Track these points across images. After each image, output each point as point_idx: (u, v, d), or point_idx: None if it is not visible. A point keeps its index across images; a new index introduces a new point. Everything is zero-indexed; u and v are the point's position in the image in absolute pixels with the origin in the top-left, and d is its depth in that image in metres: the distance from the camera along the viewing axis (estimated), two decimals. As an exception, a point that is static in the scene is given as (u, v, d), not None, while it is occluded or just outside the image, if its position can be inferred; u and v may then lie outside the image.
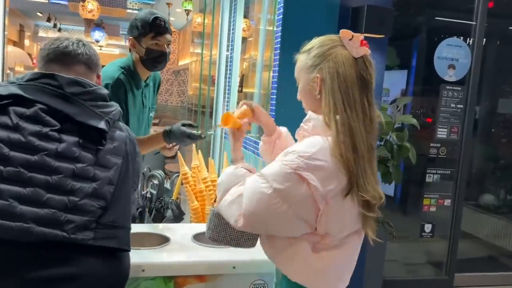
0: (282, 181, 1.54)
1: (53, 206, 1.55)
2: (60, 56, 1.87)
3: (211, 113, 5.72)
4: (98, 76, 1.99)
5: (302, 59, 1.75)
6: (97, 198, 1.63)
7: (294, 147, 1.62)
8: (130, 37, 2.71)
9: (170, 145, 2.76)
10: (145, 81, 2.82)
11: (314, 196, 1.53)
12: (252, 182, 1.62)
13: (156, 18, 2.64)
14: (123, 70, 2.67)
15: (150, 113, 2.94)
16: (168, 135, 2.63)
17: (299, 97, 1.80)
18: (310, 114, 1.72)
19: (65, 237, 1.54)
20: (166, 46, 2.70)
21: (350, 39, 1.66)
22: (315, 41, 1.74)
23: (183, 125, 2.63)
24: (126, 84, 2.63)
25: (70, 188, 1.60)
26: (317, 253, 1.64)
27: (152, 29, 2.64)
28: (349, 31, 1.67)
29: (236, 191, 1.66)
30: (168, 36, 2.71)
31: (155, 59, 2.69)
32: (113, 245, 1.66)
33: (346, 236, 1.68)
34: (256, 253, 2.39)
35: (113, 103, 1.87)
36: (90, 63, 1.92)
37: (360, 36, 1.67)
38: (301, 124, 1.75)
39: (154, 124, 10.95)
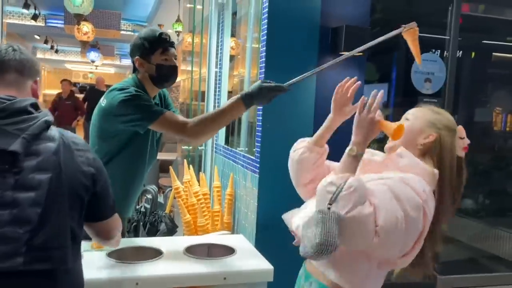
0: (414, 209, 1.60)
1: None
2: None
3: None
4: (36, 82, 1.78)
5: (429, 112, 1.88)
6: (20, 224, 1.46)
7: (411, 176, 1.68)
8: (137, 57, 2.57)
9: None
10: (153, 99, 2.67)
11: (425, 224, 1.64)
12: (387, 202, 1.59)
13: (162, 33, 2.55)
14: (131, 85, 2.54)
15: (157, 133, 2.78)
16: (250, 99, 2.36)
17: (403, 126, 1.75)
18: (405, 153, 1.77)
19: None
20: (174, 60, 2.60)
21: (462, 138, 1.84)
22: (445, 112, 1.90)
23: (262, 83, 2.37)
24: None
25: None
26: (380, 269, 1.76)
27: (159, 45, 2.54)
28: (464, 131, 1.85)
29: (368, 205, 1.56)
30: (174, 50, 2.60)
31: (167, 74, 2.58)
32: (47, 267, 1.50)
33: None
34: (246, 264, 2.40)
35: (40, 113, 1.64)
36: (22, 68, 1.69)
37: (467, 142, 1.85)
38: (390, 154, 1.83)
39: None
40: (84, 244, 2.51)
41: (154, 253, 2.48)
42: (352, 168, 1.64)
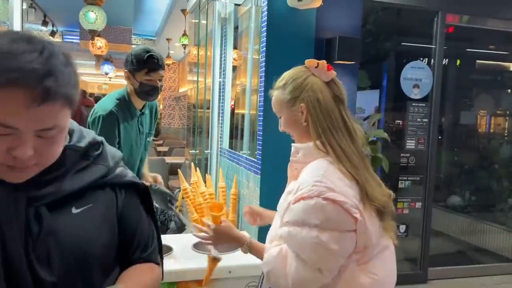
0: (317, 214, 1.43)
1: None
2: None
3: (207, 133, 5.73)
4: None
5: (278, 95, 1.68)
6: None
7: (300, 181, 1.53)
8: (126, 70, 2.65)
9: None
10: (140, 110, 2.75)
11: (346, 209, 1.42)
12: (296, 239, 1.49)
13: (150, 56, 2.55)
14: (118, 101, 2.63)
15: (148, 138, 2.89)
16: (151, 193, 2.60)
17: (283, 129, 1.71)
18: (296, 146, 1.65)
19: None
20: (158, 81, 2.62)
21: (316, 67, 1.63)
22: (287, 76, 1.68)
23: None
24: (119, 115, 2.59)
25: None
26: (363, 269, 1.53)
27: (146, 65, 2.57)
28: (313, 60, 1.64)
29: (288, 261, 1.52)
30: (161, 71, 2.61)
31: (148, 92, 2.62)
32: None
33: (380, 249, 1.59)
34: (249, 259, 2.39)
35: None
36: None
37: (325, 62, 1.63)
38: (291, 158, 1.68)
39: (159, 145, 10.93)
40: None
41: (165, 249, 2.48)
42: (257, 252, 1.72)
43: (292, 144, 1.68)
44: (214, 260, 1.97)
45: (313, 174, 1.50)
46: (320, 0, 3.24)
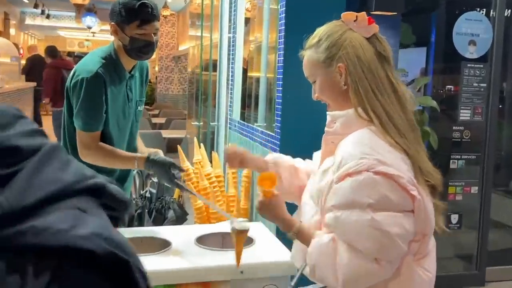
0: (368, 192, 1.47)
1: None
2: None
3: (213, 101, 5.72)
4: None
5: (311, 55, 1.71)
6: None
7: (342, 156, 1.55)
8: (112, 23, 2.60)
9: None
10: (129, 72, 2.71)
11: (403, 185, 1.46)
12: (346, 225, 1.51)
13: (143, 4, 2.50)
14: (104, 61, 2.59)
15: (138, 107, 2.86)
16: (152, 164, 2.55)
17: (317, 96, 1.73)
18: (332, 114, 1.68)
19: None
20: (153, 35, 2.58)
21: (355, 20, 1.65)
22: (321, 32, 1.70)
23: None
24: (106, 78, 2.55)
25: None
26: (418, 265, 1.59)
27: (137, 16, 2.52)
28: (351, 12, 1.67)
29: (341, 253, 1.54)
30: (155, 23, 2.58)
31: (140, 49, 2.58)
32: None
33: (433, 244, 1.66)
34: (265, 256, 2.40)
35: None
36: None
37: (365, 15, 1.66)
38: (326, 129, 1.70)
39: (154, 116, 10.96)
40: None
41: (162, 244, 2.50)
42: (306, 240, 1.69)
43: (328, 112, 1.70)
44: (240, 234, 1.95)
45: (358, 146, 1.54)
46: None
